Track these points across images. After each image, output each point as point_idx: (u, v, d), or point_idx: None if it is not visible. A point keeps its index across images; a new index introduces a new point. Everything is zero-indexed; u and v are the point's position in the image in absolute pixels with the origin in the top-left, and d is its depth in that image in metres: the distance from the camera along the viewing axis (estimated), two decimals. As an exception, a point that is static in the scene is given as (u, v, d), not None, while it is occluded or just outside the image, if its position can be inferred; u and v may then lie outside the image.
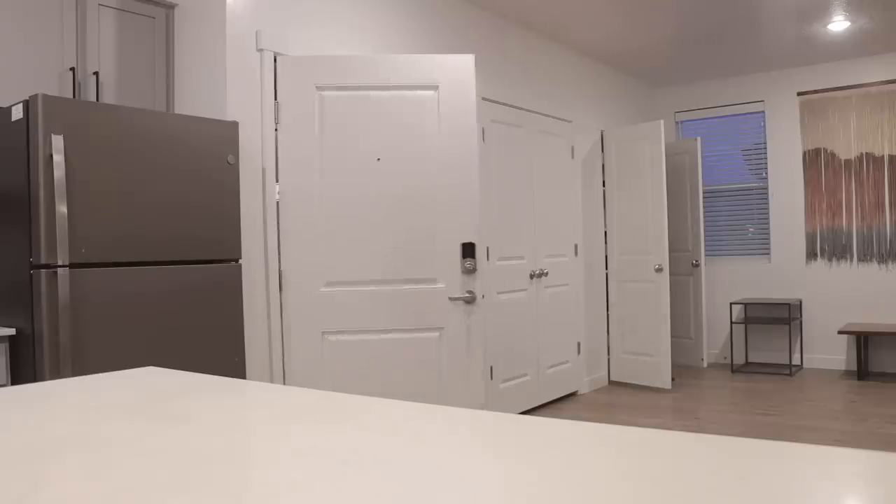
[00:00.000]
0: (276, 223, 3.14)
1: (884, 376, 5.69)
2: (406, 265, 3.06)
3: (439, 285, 3.05)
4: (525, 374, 4.82)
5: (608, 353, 5.86)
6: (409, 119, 3.08)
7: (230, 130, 2.81)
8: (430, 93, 3.08)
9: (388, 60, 3.07)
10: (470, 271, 3.04)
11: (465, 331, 3.06)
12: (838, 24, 5.05)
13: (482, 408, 3.23)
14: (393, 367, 3.06)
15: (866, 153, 5.92)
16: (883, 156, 5.84)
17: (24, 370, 2.35)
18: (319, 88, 3.05)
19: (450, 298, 3.04)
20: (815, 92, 6.14)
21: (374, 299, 3.05)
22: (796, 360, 6.25)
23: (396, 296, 3.05)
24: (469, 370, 3.07)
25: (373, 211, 3.06)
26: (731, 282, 6.58)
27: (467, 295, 3.04)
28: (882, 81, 5.84)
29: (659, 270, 5.40)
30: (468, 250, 3.05)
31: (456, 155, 3.08)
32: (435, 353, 3.06)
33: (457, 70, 3.09)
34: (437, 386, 3.08)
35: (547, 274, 5.05)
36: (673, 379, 5.48)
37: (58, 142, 2.27)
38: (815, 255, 6.17)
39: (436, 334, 3.06)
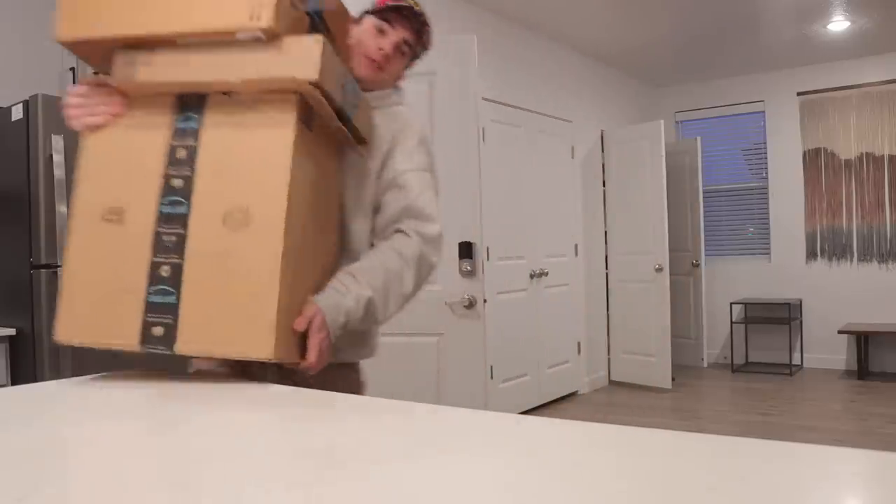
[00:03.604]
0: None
1: (884, 376, 5.69)
2: None
3: (436, 288, 2.78)
4: (525, 374, 4.82)
5: (608, 353, 5.86)
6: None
7: (230, 130, 2.80)
8: (425, 80, 2.82)
9: None
10: (468, 274, 2.78)
11: (464, 338, 2.79)
12: (838, 24, 5.05)
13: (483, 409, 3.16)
14: (391, 372, 2.84)
15: (866, 153, 5.92)
16: (883, 156, 5.84)
17: (24, 370, 2.35)
18: None
19: (446, 303, 2.78)
20: (815, 92, 6.13)
21: None
22: (796, 360, 6.25)
23: None
24: (468, 379, 2.82)
25: None
26: (731, 282, 6.58)
27: (465, 300, 2.78)
28: (882, 81, 5.84)
29: (659, 270, 5.40)
30: (466, 250, 2.79)
31: (455, 145, 2.83)
32: (433, 359, 2.82)
33: (456, 54, 2.83)
34: (434, 394, 2.87)
35: (547, 274, 5.05)
36: (673, 379, 5.48)
37: (58, 142, 2.27)
38: (815, 254, 6.17)
39: (434, 339, 2.82)
